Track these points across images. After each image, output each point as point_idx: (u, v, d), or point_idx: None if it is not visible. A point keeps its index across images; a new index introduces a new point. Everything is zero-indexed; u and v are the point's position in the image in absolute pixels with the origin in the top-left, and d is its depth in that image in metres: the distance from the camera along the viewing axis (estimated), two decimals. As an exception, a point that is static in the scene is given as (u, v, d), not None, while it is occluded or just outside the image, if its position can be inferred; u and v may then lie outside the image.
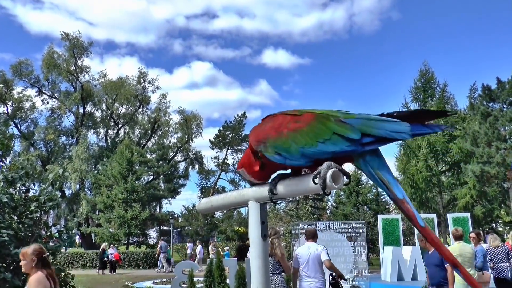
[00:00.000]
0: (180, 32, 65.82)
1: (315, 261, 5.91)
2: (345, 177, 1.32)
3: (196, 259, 22.66)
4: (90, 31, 64.64)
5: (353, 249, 13.69)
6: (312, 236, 6.24)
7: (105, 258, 22.58)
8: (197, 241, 25.90)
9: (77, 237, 38.29)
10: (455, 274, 6.96)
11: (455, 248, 6.85)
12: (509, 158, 18.58)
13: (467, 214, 14.65)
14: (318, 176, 1.31)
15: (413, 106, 24.85)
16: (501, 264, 7.88)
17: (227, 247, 26.72)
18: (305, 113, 1.47)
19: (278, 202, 1.56)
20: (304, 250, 6.08)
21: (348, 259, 13.52)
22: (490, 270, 7.93)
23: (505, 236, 18.49)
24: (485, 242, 10.98)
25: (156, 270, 22.86)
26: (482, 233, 8.73)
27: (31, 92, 34.75)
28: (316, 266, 5.90)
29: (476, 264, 7.29)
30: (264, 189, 1.51)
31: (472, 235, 8.09)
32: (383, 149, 1.44)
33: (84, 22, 63.60)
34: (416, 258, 12.21)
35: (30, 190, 5.87)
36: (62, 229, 6.48)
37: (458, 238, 6.89)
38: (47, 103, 35.27)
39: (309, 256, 5.93)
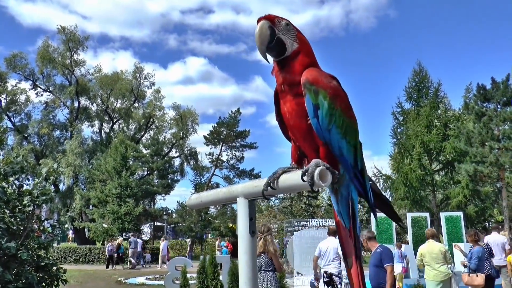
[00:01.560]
0: (175, 27, 65.65)
1: (333, 251, 7.72)
2: (332, 175, 1.34)
3: (160, 256, 22.64)
4: (84, 24, 64.18)
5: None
6: (333, 233, 7.92)
7: (121, 254, 22.70)
8: (162, 237, 25.72)
9: (71, 232, 38.14)
10: (426, 271, 7.23)
11: (424, 247, 7.37)
12: (502, 158, 18.68)
13: (460, 213, 14.77)
14: (306, 173, 1.32)
15: (407, 105, 25.00)
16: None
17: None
18: None
19: (269, 197, 1.56)
20: (325, 243, 7.93)
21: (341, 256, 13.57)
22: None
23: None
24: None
25: (138, 267, 22.72)
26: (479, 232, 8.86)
27: (25, 85, 34.60)
28: (334, 255, 7.71)
29: (470, 265, 7.39)
30: (253, 185, 1.51)
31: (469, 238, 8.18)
32: (378, 145, 1.54)
33: (77, 15, 63.05)
34: (408, 256, 12.29)
35: (24, 185, 5.85)
36: (55, 223, 6.45)
37: (429, 237, 7.34)
38: (42, 96, 35.15)
39: (328, 248, 7.77)
